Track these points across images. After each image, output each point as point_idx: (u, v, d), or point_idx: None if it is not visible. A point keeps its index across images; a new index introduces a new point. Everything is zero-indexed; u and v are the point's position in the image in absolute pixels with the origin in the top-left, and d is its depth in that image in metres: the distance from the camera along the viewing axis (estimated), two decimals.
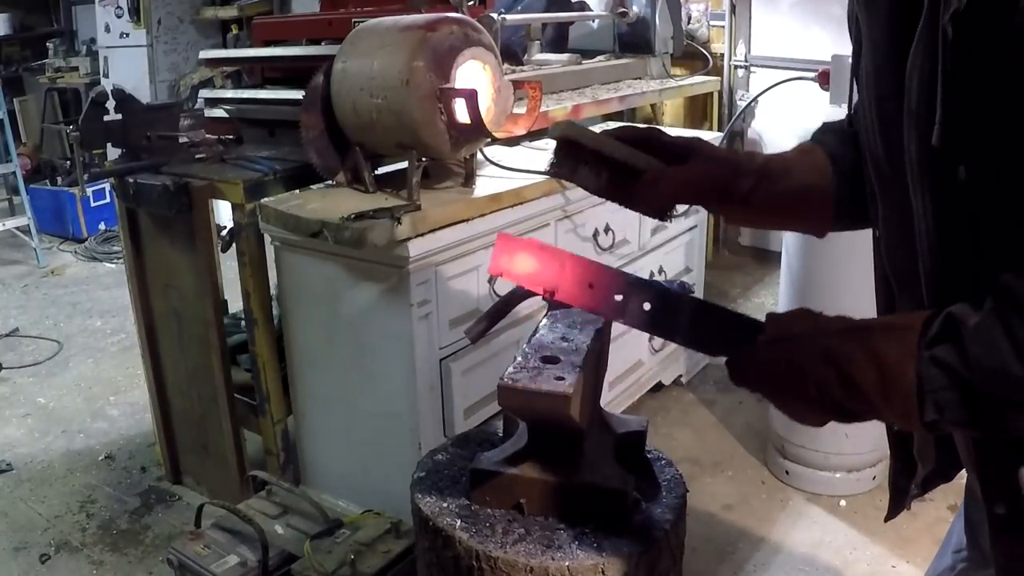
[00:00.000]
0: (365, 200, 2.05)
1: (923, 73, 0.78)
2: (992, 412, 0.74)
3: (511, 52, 3.23)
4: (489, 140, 2.12)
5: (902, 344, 0.77)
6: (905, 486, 1.05)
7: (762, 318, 0.89)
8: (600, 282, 0.94)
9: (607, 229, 2.58)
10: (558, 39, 3.75)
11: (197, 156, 2.36)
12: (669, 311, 0.92)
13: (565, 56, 3.42)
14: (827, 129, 1.08)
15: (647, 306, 0.92)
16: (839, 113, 1.20)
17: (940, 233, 0.81)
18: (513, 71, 3.01)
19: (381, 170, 2.28)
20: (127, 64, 6.28)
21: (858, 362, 0.79)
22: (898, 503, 1.08)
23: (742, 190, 1.00)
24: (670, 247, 3.01)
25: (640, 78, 3.67)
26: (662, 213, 1.03)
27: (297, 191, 2.21)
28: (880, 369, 0.78)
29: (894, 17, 0.83)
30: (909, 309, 0.90)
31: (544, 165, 1.04)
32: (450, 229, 1.98)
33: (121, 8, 6.22)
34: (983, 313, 0.74)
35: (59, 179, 6.02)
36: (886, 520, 1.12)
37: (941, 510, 2.40)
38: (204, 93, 2.65)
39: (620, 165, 0.97)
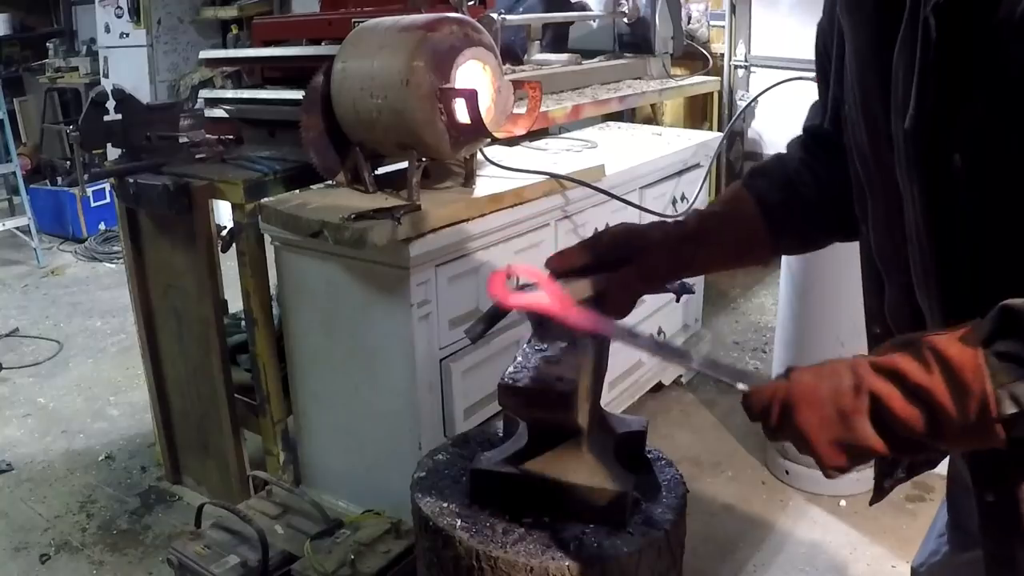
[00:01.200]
0: (365, 200, 2.05)
1: (908, 67, 0.80)
2: None
3: (511, 52, 3.23)
4: (489, 140, 2.12)
5: (962, 343, 0.71)
6: (890, 471, 1.06)
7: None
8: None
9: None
10: (558, 39, 3.76)
11: (197, 156, 2.36)
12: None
13: (565, 56, 3.42)
14: (755, 173, 1.15)
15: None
16: None
17: (931, 221, 0.83)
18: (513, 71, 3.01)
19: (381, 170, 2.28)
20: (127, 64, 6.28)
21: (923, 361, 0.72)
22: (882, 489, 1.09)
23: (685, 260, 1.09)
24: None
25: (640, 78, 3.67)
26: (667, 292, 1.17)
27: (297, 191, 2.21)
28: (946, 368, 0.71)
29: (881, 10, 0.86)
30: (896, 294, 0.95)
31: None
32: (450, 229, 1.98)
33: (121, 8, 6.22)
34: None
35: (59, 179, 6.00)
36: (871, 504, 1.14)
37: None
38: (204, 93, 2.65)
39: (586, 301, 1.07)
